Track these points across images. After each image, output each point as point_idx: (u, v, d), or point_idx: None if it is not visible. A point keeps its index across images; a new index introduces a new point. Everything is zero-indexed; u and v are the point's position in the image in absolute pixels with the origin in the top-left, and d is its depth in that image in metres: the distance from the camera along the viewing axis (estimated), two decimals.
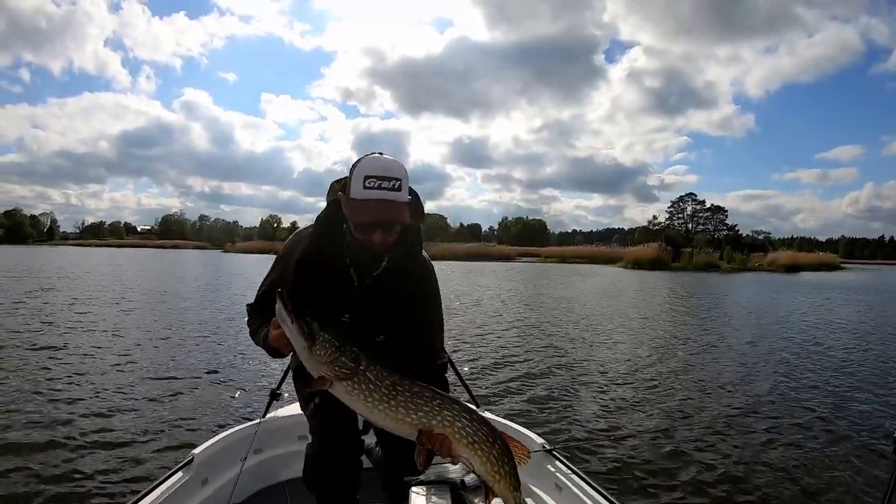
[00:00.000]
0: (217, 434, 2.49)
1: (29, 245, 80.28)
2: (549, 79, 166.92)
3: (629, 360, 7.45)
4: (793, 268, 41.54)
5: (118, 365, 6.42)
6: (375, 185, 1.43)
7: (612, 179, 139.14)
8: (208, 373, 6.20)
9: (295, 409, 2.43)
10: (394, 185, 1.44)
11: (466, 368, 6.49)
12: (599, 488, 2.10)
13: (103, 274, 23.17)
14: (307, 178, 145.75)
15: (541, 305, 14.40)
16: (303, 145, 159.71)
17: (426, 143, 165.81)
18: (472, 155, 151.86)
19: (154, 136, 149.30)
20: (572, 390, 5.81)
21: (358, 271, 1.59)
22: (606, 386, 6.03)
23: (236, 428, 2.55)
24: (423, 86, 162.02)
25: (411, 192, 1.55)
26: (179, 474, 2.15)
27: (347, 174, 1.53)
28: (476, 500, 2.34)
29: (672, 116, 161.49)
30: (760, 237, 63.28)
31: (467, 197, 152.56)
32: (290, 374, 1.87)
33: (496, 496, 1.48)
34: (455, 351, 7.58)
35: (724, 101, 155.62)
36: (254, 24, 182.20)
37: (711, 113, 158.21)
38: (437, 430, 1.44)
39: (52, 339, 7.84)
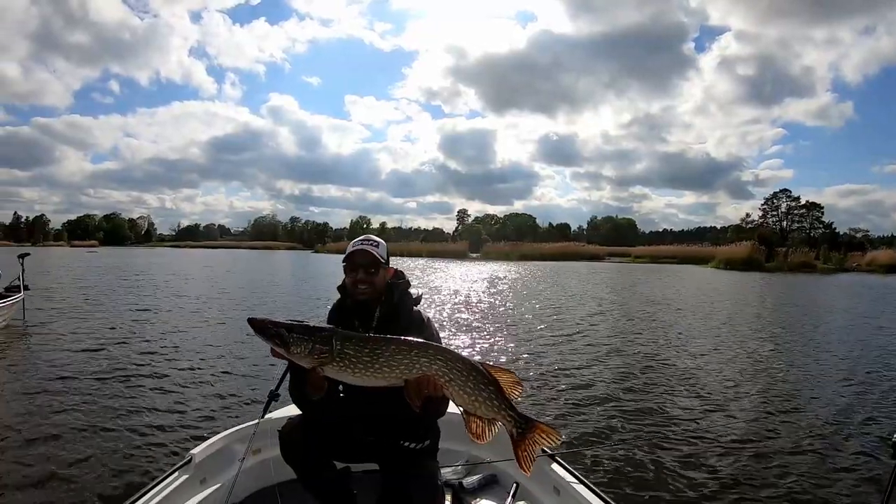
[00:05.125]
0: (216, 434, 2.51)
1: (126, 246, 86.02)
2: (636, 70, 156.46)
3: (644, 366, 7.16)
4: (893, 268, 39.99)
5: (119, 363, 6.56)
6: (359, 243, 2.10)
7: (704, 175, 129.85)
8: (208, 373, 6.25)
9: (294, 409, 2.42)
10: (371, 244, 2.10)
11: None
12: (599, 491, 2.13)
13: (143, 275, 23.17)
14: (395, 179, 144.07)
15: (582, 308, 13.75)
16: (389, 146, 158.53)
17: (513, 141, 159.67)
18: (559, 152, 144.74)
19: (243, 141, 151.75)
20: (579, 394, 5.69)
21: (361, 323, 2.07)
22: (614, 390, 5.91)
23: (235, 428, 2.56)
24: (508, 82, 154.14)
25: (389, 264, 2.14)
26: (178, 473, 2.20)
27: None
28: (474, 502, 2.50)
29: (767, 106, 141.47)
30: (858, 235, 61.43)
31: (556, 196, 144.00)
32: (289, 376, 2.12)
33: (485, 421, 1.70)
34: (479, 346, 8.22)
35: (821, 89, 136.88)
36: (334, 27, 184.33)
37: (809, 102, 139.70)
38: (419, 376, 1.69)
39: (57, 336, 8.24)
